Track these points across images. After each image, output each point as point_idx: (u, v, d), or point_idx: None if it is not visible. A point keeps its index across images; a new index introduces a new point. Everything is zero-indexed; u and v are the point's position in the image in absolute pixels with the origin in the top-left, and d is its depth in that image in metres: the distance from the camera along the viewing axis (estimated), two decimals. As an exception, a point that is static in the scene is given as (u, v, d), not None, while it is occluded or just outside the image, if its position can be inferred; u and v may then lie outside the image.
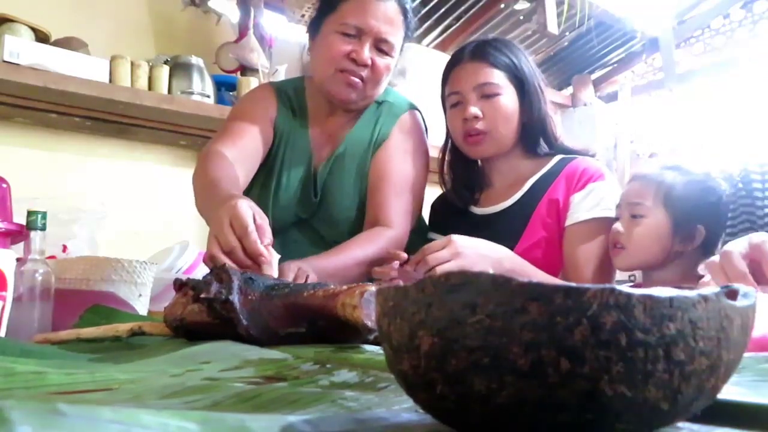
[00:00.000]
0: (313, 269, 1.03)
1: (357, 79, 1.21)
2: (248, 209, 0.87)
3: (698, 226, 1.17)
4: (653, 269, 1.22)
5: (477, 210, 1.34)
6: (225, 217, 0.86)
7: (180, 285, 0.74)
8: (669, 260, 1.20)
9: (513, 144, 1.28)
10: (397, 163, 1.28)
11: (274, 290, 0.72)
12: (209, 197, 1.00)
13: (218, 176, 1.06)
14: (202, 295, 0.68)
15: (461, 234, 1.11)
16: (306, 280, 0.98)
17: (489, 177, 1.35)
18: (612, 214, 1.23)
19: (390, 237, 1.20)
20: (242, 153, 1.19)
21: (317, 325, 0.69)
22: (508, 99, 1.25)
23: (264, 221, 0.88)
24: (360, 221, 1.27)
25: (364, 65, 1.20)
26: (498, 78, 1.24)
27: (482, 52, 1.25)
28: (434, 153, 1.42)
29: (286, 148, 1.29)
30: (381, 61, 1.22)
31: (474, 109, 1.23)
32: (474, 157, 1.31)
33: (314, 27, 1.28)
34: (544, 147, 1.30)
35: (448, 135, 1.34)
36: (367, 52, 1.19)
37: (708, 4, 3.01)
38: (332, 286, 0.70)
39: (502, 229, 1.26)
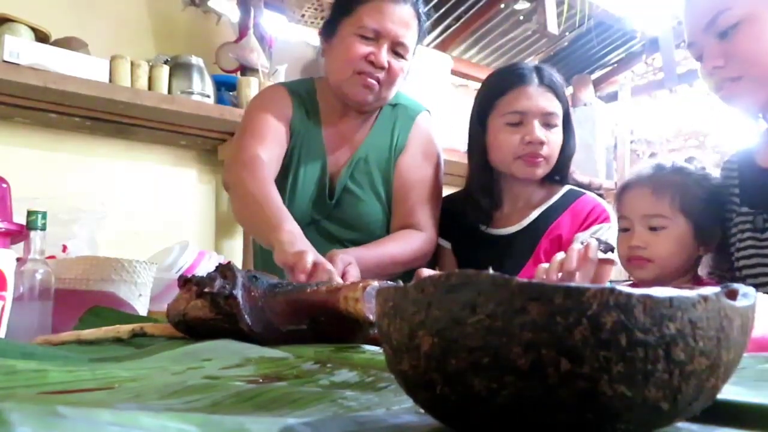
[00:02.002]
0: (355, 259, 1.07)
1: (374, 81, 1.23)
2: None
3: (716, 226, 1.14)
4: (677, 277, 1.17)
5: (488, 230, 1.35)
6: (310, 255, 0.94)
7: (184, 281, 0.75)
8: (692, 266, 1.17)
9: None
10: (421, 171, 1.33)
11: (277, 288, 0.72)
12: (264, 222, 1.07)
13: (274, 198, 1.12)
14: (206, 290, 0.69)
15: (471, 250, 1.11)
16: (345, 274, 1.01)
17: (500, 198, 1.35)
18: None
19: (423, 239, 1.26)
20: (271, 156, 1.23)
21: (319, 321, 0.70)
22: (560, 132, 1.29)
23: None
24: (377, 224, 1.30)
25: (381, 68, 1.22)
26: (559, 110, 1.28)
27: (551, 80, 1.28)
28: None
29: (301, 150, 1.30)
30: (396, 63, 1.24)
31: (542, 134, 1.25)
32: (523, 176, 1.30)
33: (329, 29, 1.28)
34: (555, 177, 1.34)
35: (477, 148, 1.32)
36: (384, 55, 1.22)
37: (708, 3, 3.00)
38: (335, 284, 0.71)
39: (509, 252, 1.29)
